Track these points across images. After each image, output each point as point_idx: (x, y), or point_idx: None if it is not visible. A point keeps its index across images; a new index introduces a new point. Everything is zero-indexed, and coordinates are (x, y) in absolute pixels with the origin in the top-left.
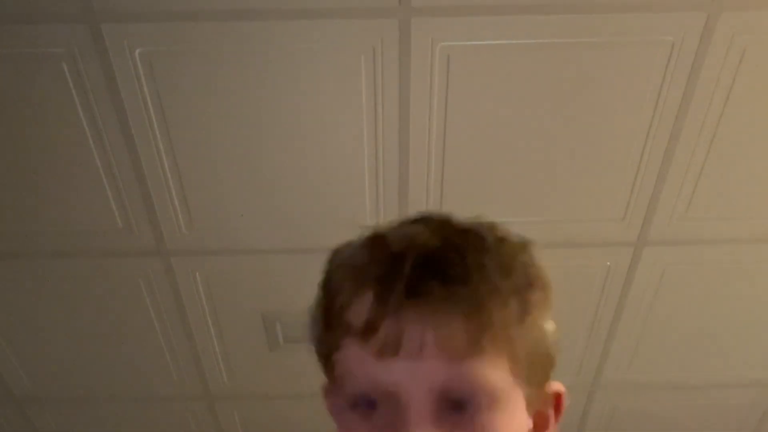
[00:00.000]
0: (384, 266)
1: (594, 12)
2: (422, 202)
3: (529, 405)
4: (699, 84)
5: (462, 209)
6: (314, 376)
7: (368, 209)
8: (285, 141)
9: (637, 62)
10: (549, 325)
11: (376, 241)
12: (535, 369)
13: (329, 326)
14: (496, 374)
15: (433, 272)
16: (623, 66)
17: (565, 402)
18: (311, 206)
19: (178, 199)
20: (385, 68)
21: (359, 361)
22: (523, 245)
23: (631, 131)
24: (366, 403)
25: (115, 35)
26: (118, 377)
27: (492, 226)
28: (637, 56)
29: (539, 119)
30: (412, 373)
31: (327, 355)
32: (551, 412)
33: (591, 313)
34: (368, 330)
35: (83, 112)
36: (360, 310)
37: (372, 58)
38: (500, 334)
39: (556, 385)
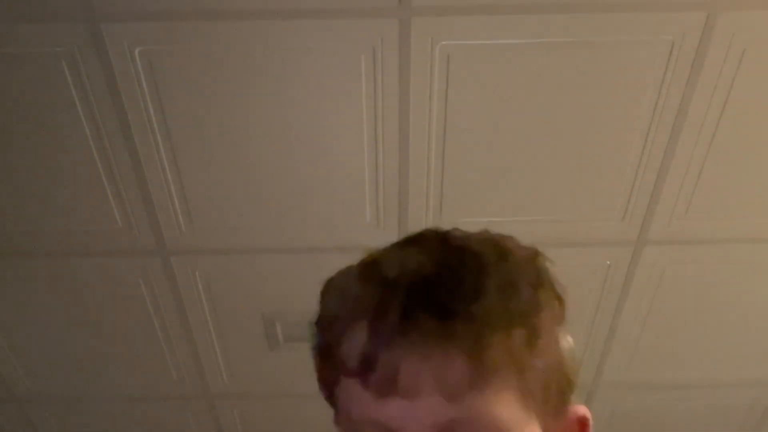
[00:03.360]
0: (376, 297)
1: (594, 12)
2: (422, 202)
3: None
4: (699, 84)
5: (462, 209)
6: (314, 376)
7: (368, 209)
8: (285, 141)
9: (637, 62)
10: (565, 343)
11: (369, 269)
12: (550, 396)
13: (326, 361)
14: (503, 409)
15: (427, 303)
16: (623, 66)
17: (591, 428)
18: (311, 206)
19: (178, 199)
20: (385, 68)
21: (357, 401)
22: (530, 258)
23: (631, 131)
24: None
25: (115, 35)
26: (118, 377)
27: (495, 241)
28: (637, 56)
29: (539, 119)
30: (410, 412)
31: (330, 389)
32: None
33: (591, 313)
34: (363, 368)
35: (83, 112)
36: (354, 345)
37: (372, 58)
38: (505, 366)
39: (580, 409)
